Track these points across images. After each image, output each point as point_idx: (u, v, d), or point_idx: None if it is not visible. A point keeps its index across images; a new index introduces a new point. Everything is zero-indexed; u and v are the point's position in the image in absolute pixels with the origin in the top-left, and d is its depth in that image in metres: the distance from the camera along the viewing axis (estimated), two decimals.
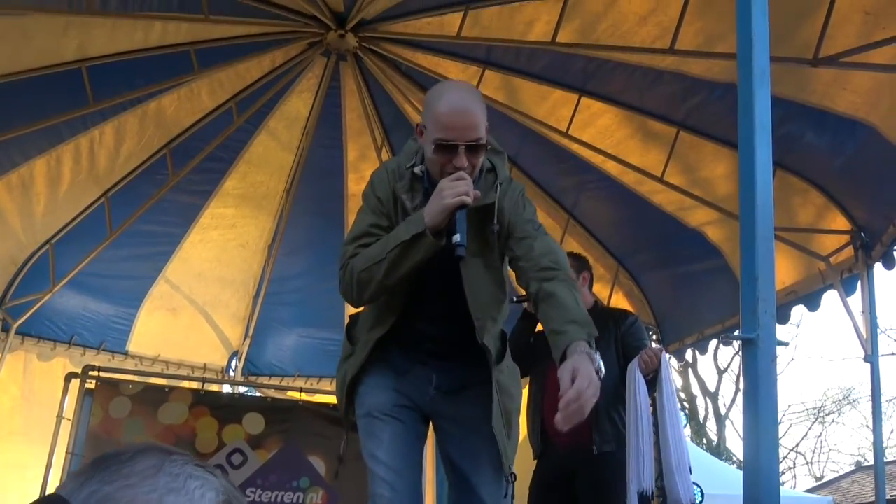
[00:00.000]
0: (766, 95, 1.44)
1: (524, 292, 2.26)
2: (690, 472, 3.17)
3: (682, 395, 21.86)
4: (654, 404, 3.35)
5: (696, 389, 22.01)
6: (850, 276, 4.36)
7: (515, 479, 2.27)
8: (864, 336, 4.25)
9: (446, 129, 2.05)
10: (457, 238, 1.99)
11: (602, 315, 3.75)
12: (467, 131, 2.06)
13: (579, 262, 3.93)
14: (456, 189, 1.99)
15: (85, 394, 4.96)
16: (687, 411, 20.23)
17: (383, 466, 2.20)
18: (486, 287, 2.21)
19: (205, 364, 6.66)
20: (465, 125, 2.05)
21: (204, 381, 6.10)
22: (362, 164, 5.77)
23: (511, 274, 2.33)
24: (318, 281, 6.51)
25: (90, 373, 5.01)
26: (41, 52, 4.38)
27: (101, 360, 5.86)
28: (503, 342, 2.36)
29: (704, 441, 20.98)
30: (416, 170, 2.20)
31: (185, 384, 6.02)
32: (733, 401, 20.51)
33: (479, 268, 2.18)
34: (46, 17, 4.23)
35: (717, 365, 21.38)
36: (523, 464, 3.65)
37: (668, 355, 3.36)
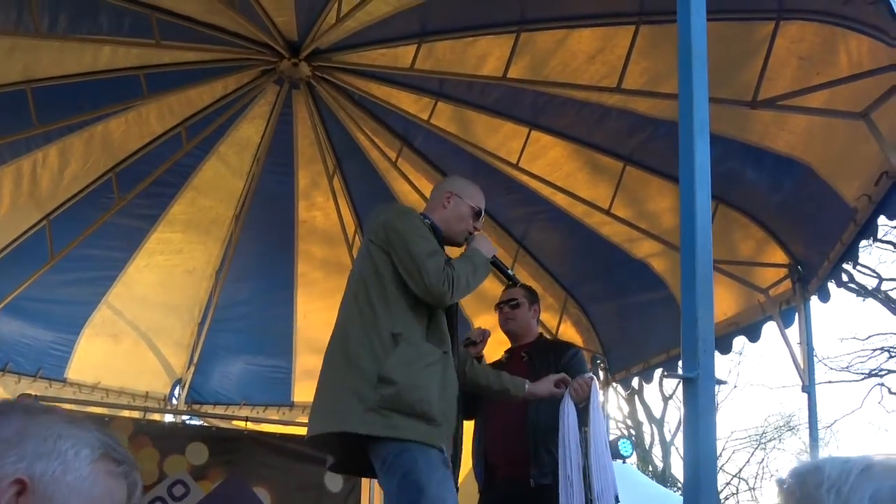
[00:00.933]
0: (705, 145, 1.51)
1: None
2: (617, 502, 3.22)
3: (629, 422, 22.12)
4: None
5: (642, 416, 22.31)
6: (789, 307, 4.52)
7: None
8: (802, 366, 4.40)
9: (481, 203, 3.12)
10: (511, 272, 3.28)
11: (544, 347, 3.84)
12: None
13: (530, 295, 4.00)
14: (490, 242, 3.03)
15: None
16: (633, 438, 20.46)
17: None
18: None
19: (147, 392, 6.50)
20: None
21: (146, 410, 5.95)
22: (313, 192, 5.75)
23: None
24: (267, 308, 6.44)
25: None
26: None
27: (37, 387, 5.68)
28: None
29: (650, 468, 21.23)
30: (430, 223, 2.93)
31: (126, 413, 5.87)
32: (678, 427, 20.84)
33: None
34: None
35: (663, 392, 21.73)
36: (469, 499, 3.67)
37: (597, 384, 3.43)
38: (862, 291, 14.59)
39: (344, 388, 2.54)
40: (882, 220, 3.77)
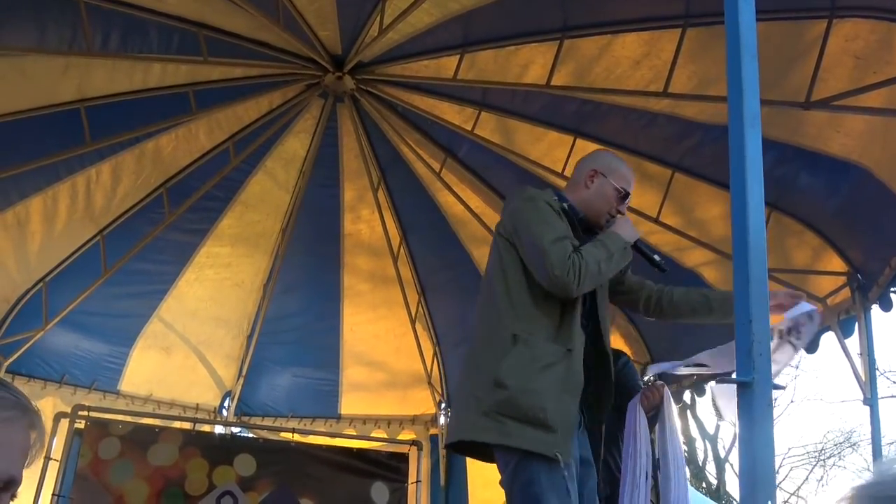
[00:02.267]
0: (757, 138, 1.45)
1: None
2: None
3: (682, 437, 21.59)
4: (653, 444, 3.29)
5: (694, 432, 21.77)
6: (848, 317, 4.34)
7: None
8: (863, 378, 4.22)
9: (629, 184, 2.73)
10: (658, 257, 2.74)
11: None
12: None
13: None
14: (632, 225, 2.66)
15: (74, 434, 4.88)
16: (686, 454, 20.00)
17: None
18: (608, 319, 2.68)
19: (197, 404, 6.59)
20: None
21: (195, 421, 6.03)
22: (359, 205, 5.78)
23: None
24: (314, 320, 6.48)
25: (80, 413, 4.94)
26: (40, 93, 4.42)
27: (91, 399, 5.80)
28: None
29: (704, 485, 20.68)
30: (566, 206, 2.63)
31: (177, 424, 5.94)
32: (732, 443, 20.29)
33: (605, 301, 2.70)
34: (46, 58, 4.28)
35: (716, 407, 21.16)
36: None
37: (669, 392, 3.26)
38: None
39: (468, 393, 2.41)
40: None
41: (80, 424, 4.93)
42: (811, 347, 4.65)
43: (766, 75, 1.77)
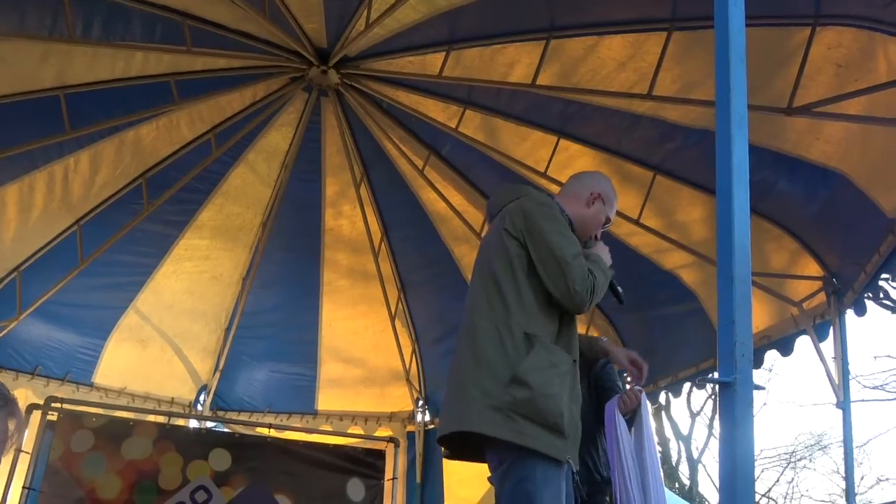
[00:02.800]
0: (744, 140, 1.46)
1: None
2: None
3: (656, 438, 21.77)
4: None
5: (669, 432, 21.96)
6: (823, 321, 4.40)
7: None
8: (836, 382, 4.28)
9: (614, 213, 2.94)
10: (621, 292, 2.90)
11: None
12: None
13: None
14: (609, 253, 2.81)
15: (46, 426, 4.81)
16: (660, 454, 20.17)
17: None
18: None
19: (172, 398, 6.52)
20: None
21: (170, 415, 5.97)
22: (340, 200, 5.76)
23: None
24: (292, 315, 6.45)
25: (52, 405, 4.87)
26: (19, 78, 4.34)
27: (64, 391, 5.72)
28: None
29: (676, 485, 20.88)
30: (567, 217, 2.71)
31: (151, 418, 5.89)
32: (706, 444, 20.49)
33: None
34: (26, 44, 4.20)
35: (691, 408, 21.38)
36: None
37: (645, 396, 3.28)
38: None
39: (470, 385, 2.37)
40: None
41: (53, 416, 4.86)
42: (785, 350, 4.71)
43: (750, 80, 1.78)
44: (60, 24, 4.11)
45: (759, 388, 1.44)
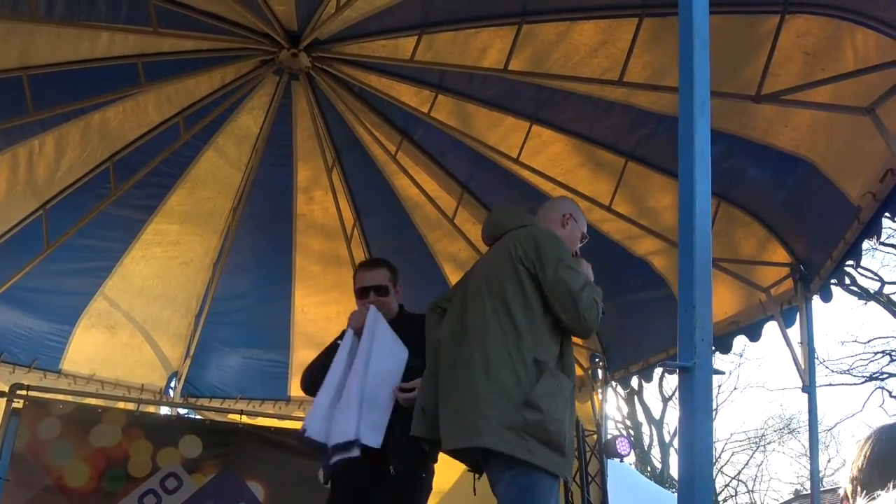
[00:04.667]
0: (706, 125, 1.46)
1: None
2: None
3: (628, 422, 22.06)
4: None
5: (641, 417, 22.24)
6: (790, 307, 4.47)
7: None
8: (803, 366, 4.35)
9: (585, 227, 3.25)
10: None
11: (404, 321, 3.57)
12: None
13: (395, 274, 3.74)
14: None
15: (12, 413, 4.74)
16: (632, 438, 20.41)
17: None
18: None
19: (142, 385, 6.46)
20: None
21: (140, 402, 5.91)
22: (312, 185, 5.70)
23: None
24: (264, 301, 6.40)
25: (18, 392, 4.80)
26: None
27: (31, 378, 5.62)
28: None
29: (649, 469, 21.18)
30: None
31: (121, 405, 5.82)
32: (678, 429, 20.80)
33: None
34: None
35: (662, 392, 21.68)
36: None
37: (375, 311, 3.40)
38: (864, 294, 14.53)
39: (483, 403, 2.60)
40: (886, 220, 3.72)
41: (18, 404, 4.79)
42: (754, 336, 4.77)
43: (719, 67, 1.79)
44: (22, 2, 4.01)
45: (718, 372, 1.45)
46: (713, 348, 1.91)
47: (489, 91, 4.73)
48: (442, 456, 2.94)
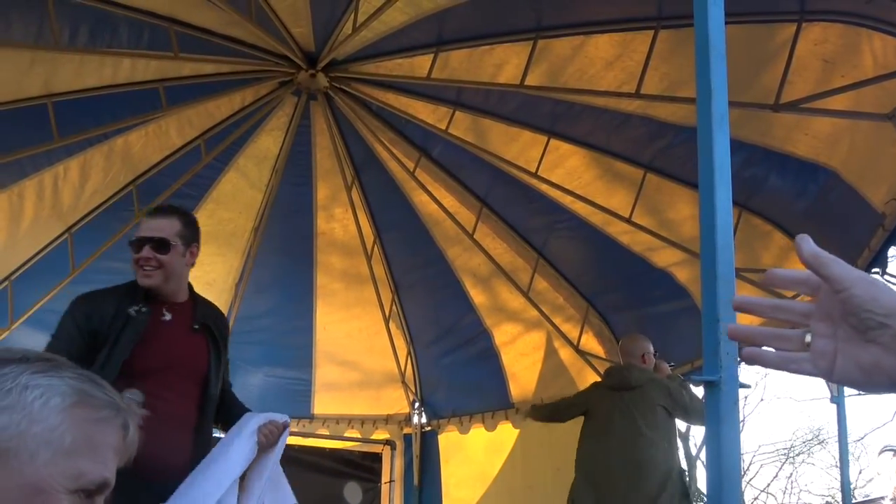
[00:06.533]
0: (725, 138, 1.46)
1: None
2: None
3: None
4: None
5: None
6: None
7: None
8: None
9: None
10: None
11: (197, 306, 3.02)
12: None
13: (190, 230, 2.94)
14: None
15: None
16: None
17: None
18: None
19: None
20: None
21: None
22: (332, 203, 5.75)
23: None
24: (286, 320, 6.43)
25: None
26: (5, 87, 4.32)
27: None
28: None
29: None
30: None
31: None
32: (704, 441, 20.54)
33: None
34: (11, 52, 4.19)
35: None
36: None
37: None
38: None
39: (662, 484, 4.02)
40: None
41: None
42: None
43: (736, 77, 1.79)
44: (46, 31, 4.10)
45: (745, 386, 1.44)
46: (738, 360, 1.92)
47: (506, 106, 4.75)
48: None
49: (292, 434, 6.07)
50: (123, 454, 0.86)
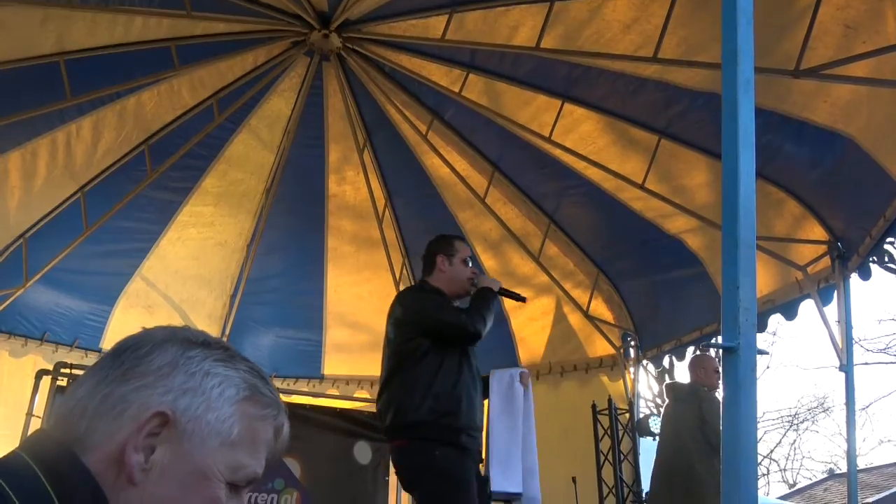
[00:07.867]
0: (750, 104, 1.44)
1: None
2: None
3: (658, 401, 21.94)
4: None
5: None
6: (827, 286, 4.40)
7: None
8: (840, 345, 4.29)
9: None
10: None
11: None
12: None
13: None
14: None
15: (56, 391, 4.86)
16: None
17: None
18: None
19: None
20: None
21: None
22: (344, 166, 5.74)
23: None
24: (297, 281, 6.47)
25: (62, 370, 4.92)
26: (18, 44, 4.30)
27: (73, 357, 5.76)
28: None
29: None
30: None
31: None
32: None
33: None
34: (24, 9, 4.16)
35: None
36: None
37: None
38: None
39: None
40: None
41: (63, 382, 4.91)
42: (790, 314, 4.72)
43: (757, 42, 1.76)
44: None
45: (762, 352, 1.45)
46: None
47: (520, 70, 4.70)
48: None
49: (302, 394, 6.18)
50: (272, 454, 0.88)
